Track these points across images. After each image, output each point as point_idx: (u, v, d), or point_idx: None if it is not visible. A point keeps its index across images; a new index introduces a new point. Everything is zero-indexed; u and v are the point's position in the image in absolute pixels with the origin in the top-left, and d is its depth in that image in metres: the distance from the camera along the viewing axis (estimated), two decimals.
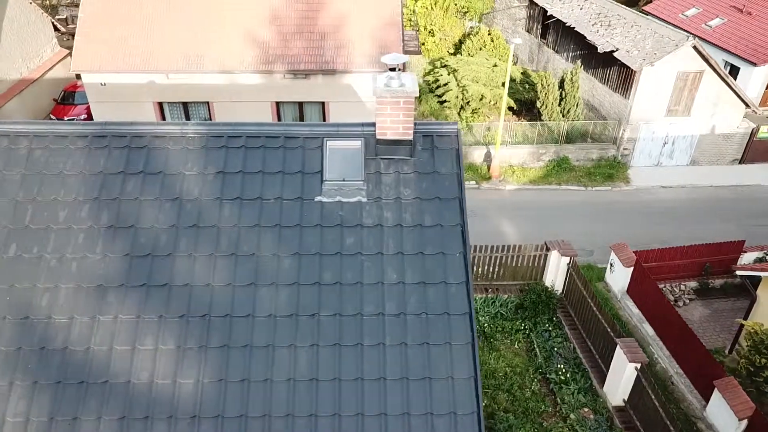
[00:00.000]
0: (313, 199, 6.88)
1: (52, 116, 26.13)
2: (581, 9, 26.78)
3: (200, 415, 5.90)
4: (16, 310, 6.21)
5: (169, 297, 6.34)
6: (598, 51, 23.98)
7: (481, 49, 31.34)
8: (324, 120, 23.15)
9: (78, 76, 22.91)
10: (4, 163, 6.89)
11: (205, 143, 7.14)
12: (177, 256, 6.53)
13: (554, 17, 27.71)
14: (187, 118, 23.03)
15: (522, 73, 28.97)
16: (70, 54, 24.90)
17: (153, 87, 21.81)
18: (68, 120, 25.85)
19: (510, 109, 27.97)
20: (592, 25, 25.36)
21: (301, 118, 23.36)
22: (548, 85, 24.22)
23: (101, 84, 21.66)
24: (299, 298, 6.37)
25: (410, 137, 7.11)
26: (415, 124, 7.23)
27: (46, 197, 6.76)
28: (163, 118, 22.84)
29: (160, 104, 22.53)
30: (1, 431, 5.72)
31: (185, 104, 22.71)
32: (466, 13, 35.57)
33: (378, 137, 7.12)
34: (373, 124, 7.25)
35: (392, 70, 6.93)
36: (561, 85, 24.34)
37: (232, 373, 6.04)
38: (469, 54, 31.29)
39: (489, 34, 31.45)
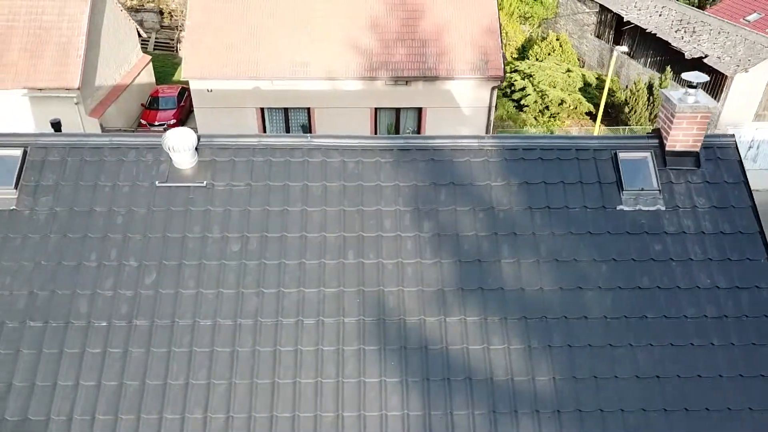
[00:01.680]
0: (615, 207, 7.33)
1: (142, 121, 26.65)
2: (660, 15, 27.20)
3: (539, 409, 6.34)
4: (375, 310, 6.67)
5: (504, 300, 6.80)
6: (686, 57, 24.38)
7: (549, 54, 31.76)
8: (420, 125, 23.63)
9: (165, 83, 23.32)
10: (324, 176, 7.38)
11: (503, 156, 7.60)
12: (503, 261, 6.99)
13: (631, 23, 28.11)
14: (287, 123, 23.54)
15: (597, 78, 29.42)
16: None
17: (257, 93, 22.32)
18: (158, 124, 26.37)
19: (587, 113, 28.41)
20: (675, 32, 25.77)
21: (397, 124, 23.85)
22: (638, 91, 24.64)
23: (208, 90, 22.18)
24: (624, 301, 6.82)
25: (698, 149, 7.56)
26: None
27: (370, 206, 7.23)
28: (264, 124, 23.35)
29: (262, 110, 23.04)
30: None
31: (286, 110, 23.22)
32: (528, 18, 36.03)
33: (667, 149, 7.57)
34: (656, 137, 7.70)
35: (692, 87, 7.35)
36: (649, 91, 24.76)
37: (579, 370, 6.49)
38: (537, 59, 31.71)
39: (557, 40, 31.89)
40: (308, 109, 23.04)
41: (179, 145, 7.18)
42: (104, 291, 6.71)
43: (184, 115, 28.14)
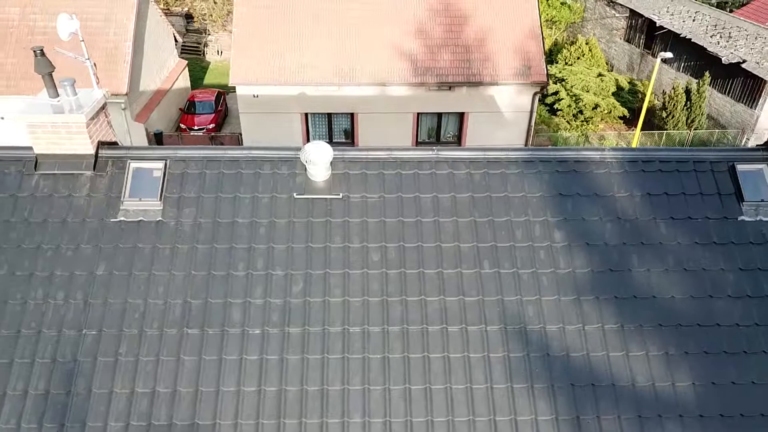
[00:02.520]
0: (736, 218, 7.58)
1: (181, 125, 26.96)
2: (694, 20, 27.44)
3: (682, 414, 6.59)
4: (516, 319, 6.93)
5: (637, 308, 7.05)
6: (723, 62, 24.63)
7: (578, 58, 32.03)
8: (461, 130, 23.90)
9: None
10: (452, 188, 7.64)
11: (624, 167, 7.85)
12: (634, 270, 7.24)
13: (664, 28, 28.36)
14: (331, 128, 23.81)
15: (629, 82, 29.69)
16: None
17: (302, 98, 22.58)
18: (197, 129, 26.65)
19: (621, 117, 28.68)
20: (711, 37, 26.02)
21: (438, 128, 24.12)
22: (677, 96, 24.89)
23: (254, 96, 22.44)
24: (754, 309, 7.07)
25: None
26: None
27: (500, 217, 7.49)
28: (308, 129, 23.62)
29: (305, 115, 23.31)
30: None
31: (329, 115, 23.48)
32: (555, 22, 36.31)
33: None
34: None
35: None
36: (686, 95, 25.02)
37: (717, 376, 6.73)
38: (566, 63, 31.99)
39: (586, 44, 32.16)
40: (352, 114, 23.32)
41: (318, 158, 7.44)
42: (255, 299, 6.97)
43: (221, 120, 28.45)
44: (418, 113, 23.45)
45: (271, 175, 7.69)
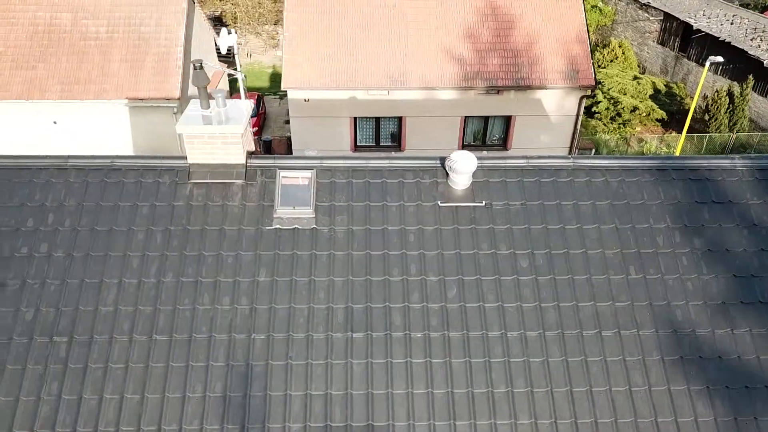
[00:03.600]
0: None
1: None
2: (732, 23, 27.66)
3: None
4: (666, 324, 7.15)
5: None
6: (765, 65, 24.84)
7: (612, 61, 32.25)
8: (507, 133, 24.13)
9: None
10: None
11: (755, 175, 8.08)
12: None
13: (701, 31, 28.58)
14: (378, 131, 24.05)
15: (665, 84, 29.90)
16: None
17: (352, 102, 22.82)
18: None
19: (658, 120, 28.90)
20: (751, 40, 26.23)
21: (485, 131, 24.36)
22: (720, 99, 25.12)
23: (305, 100, 22.69)
24: None
25: None
26: None
27: (640, 224, 7.72)
28: (356, 133, 23.87)
29: (354, 119, 23.56)
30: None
31: (377, 119, 23.72)
32: None
33: None
34: None
35: None
36: (729, 98, 25.25)
37: None
38: (599, 66, 32.20)
39: (620, 47, 32.38)
40: (400, 118, 23.56)
41: (464, 167, 7.67)
42: (413, 304, 7.20)
43: (262, 123, 28.70)
44: (465, 116, 23.70)
45: (415, 184, 7.93)
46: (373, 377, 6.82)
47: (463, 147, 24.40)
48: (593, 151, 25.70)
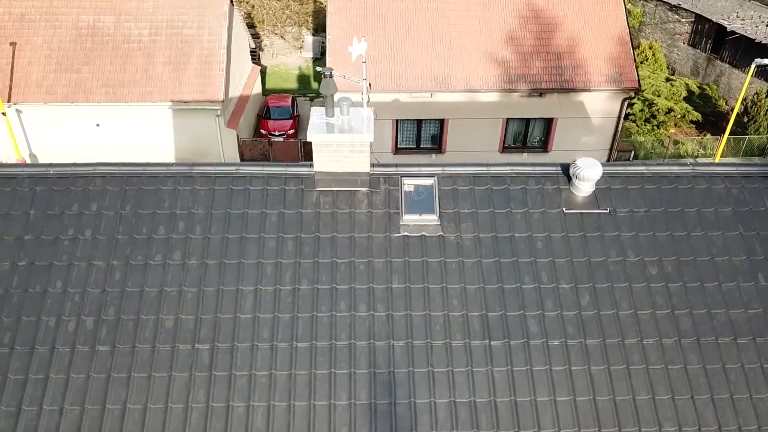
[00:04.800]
0: None
1: (262, 131, 27.20)
2: (767, 25, 27.66)
3: None
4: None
5: None
6: None
7: (642, 63, 32.23)
8: (549, 135, 24.16)
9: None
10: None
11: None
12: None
13: (735, 33, 28.59)
14: (419, 134, 24.08)
15: (698, 86, 29.92)
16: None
17: (395, 105, 22.85)
18: (279, 134, 26.90)
19: (693, 122, 28.88)
20: None
21: (525, 133, 24.37)
22: (760, 101, 25.13)
23: None
24: None
25: None
26: None
27: (766, 230, 7.75)
28: (397, 135, 23.90)
29: (396, 121, 23.59)
30: None
31: (419, 121, 23.75)
32: None
33: None
34: None
35: None
36: None
37: None
38: None
39: (650, 48, 32.37)
40: (442, 120, 23.59)
41: (590, 174, 7.70)
42: (548, 312, 7.23)
43: (297, 125, 28.71)
44: (507, 119, 23.73)
45: (538, 190, 7.96)
46: (515, 385, 6.85)
47: (504, 149, 24.44)
48: (632, 153, 25.71)
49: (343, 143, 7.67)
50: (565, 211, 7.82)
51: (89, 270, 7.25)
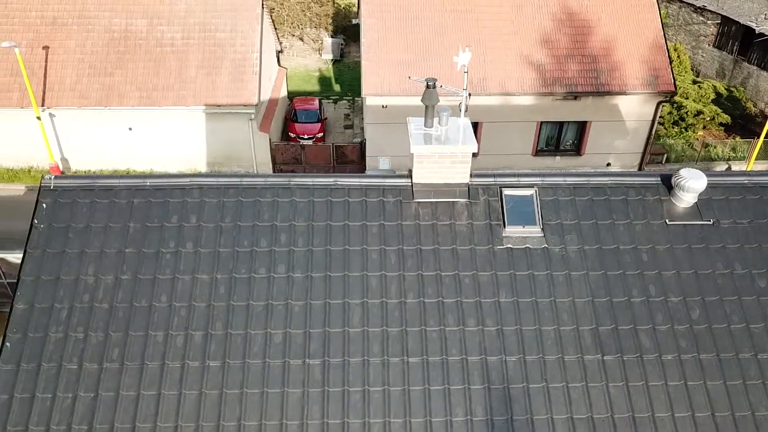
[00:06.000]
0: None
1: (290, 134, 27.09)
2: None
3: None
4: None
5: None
6: None
7: None
8: (582, 138, 24.04)
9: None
10: None
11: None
12: None
13: (764, 35, 28.48)
14: None
15: (726, 89, 29.80)
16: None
17: None
18: (309, 138, 26.76)
19: (721, 124, 28.77)
20: None
21: (559, 136, 24.26)
22: None
23: (383, 106, 22.62)
24: None
25: None
26: None
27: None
28: None
29: None
30: None
31: None
32: None
33: None
34: None
35: None
36: None
37: None
38: None
39: (675, 50, 32.23)
40: (476, 123, 23.47)
41: (694, 185, 7.58)
42: (659, 326, 7.11)
43: (325, 128, 28.61)
44: (541, 122, 23.63)
45: (639, 201, 7.85)
46: (632, 400, 6.75)
47: (537, 153, 24.33)
48: (665, 156, 25.60)
49: (445, 154, 7.57)
50: (668, 223, 7.71)
51: (193, 284, 7.15)
